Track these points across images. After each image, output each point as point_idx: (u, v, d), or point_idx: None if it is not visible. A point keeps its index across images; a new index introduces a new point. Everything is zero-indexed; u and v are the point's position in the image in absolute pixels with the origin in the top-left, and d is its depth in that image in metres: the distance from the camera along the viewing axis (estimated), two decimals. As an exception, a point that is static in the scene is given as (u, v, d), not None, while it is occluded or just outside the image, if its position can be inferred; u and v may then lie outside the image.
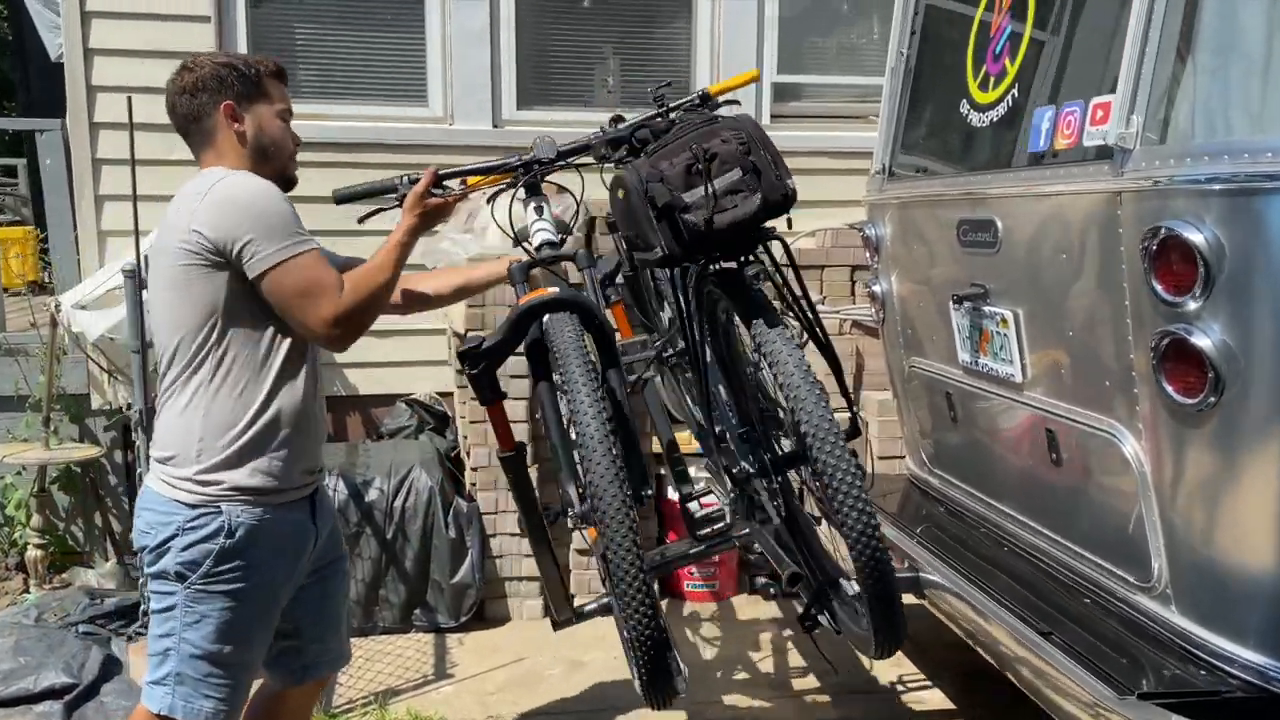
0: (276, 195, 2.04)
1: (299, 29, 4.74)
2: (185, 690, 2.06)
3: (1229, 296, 1.94)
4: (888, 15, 5.20)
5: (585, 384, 1.91)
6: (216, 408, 2.03)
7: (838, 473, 1.78)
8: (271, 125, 2.16)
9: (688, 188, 1.84)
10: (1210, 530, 2.15)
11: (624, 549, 1.84)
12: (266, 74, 2.17)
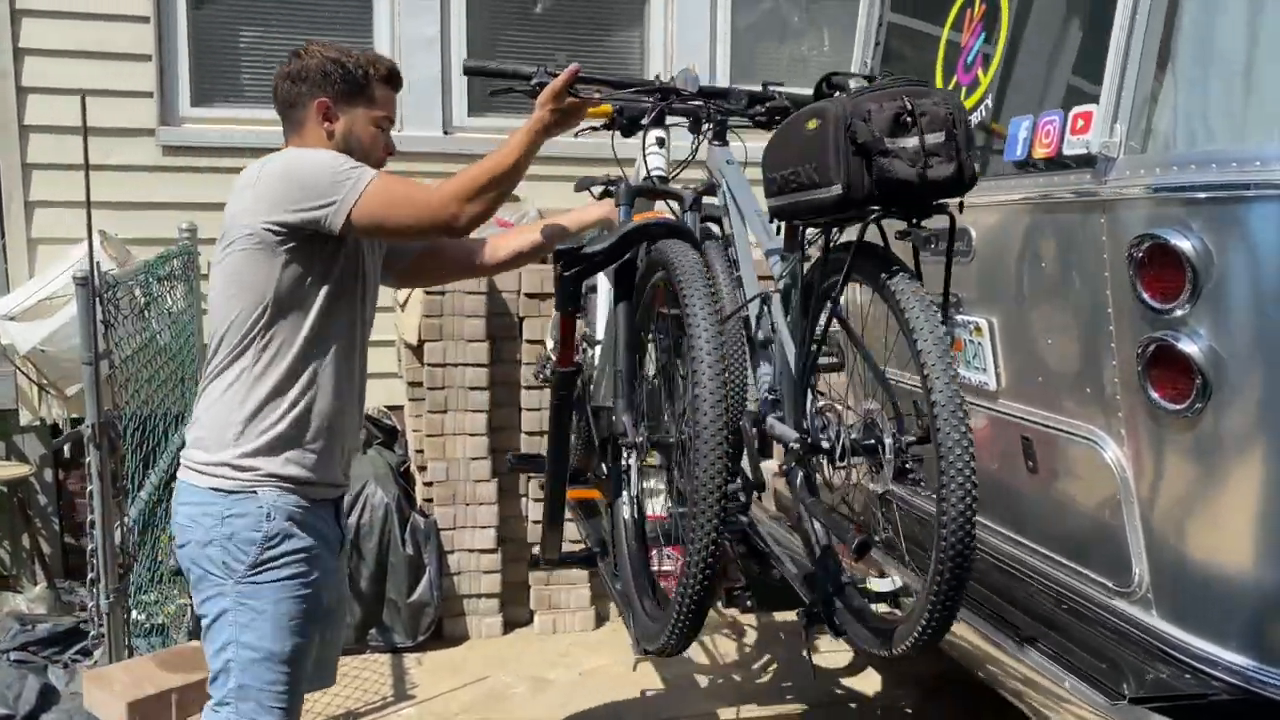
0: (311, 153, 2.02)
1: (242, 31, 4.60)
2: (248, 707, 1.99)
3: (1216, 303, 1.97)
4: (839, 27, 5.28)
5: (706, 306, 1.89)
6: (256, 394, 2.00)
7: (956, 448, 1.73)
8: (364, 131, 2.12)
9: (890, 135, 1.78)
10: (1193, 534, 2.17)
11: (714, 469, 1.80)
12: (376, 78, 2.12)
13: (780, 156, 1.97)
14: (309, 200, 1.94)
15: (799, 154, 1.89)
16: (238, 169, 4.30)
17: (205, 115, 4.49)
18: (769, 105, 2.34)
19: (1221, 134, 2.04)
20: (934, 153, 1.74)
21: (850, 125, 1.76)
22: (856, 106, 1.78)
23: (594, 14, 5.00)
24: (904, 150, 1.74)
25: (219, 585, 1.98)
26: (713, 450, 1.81)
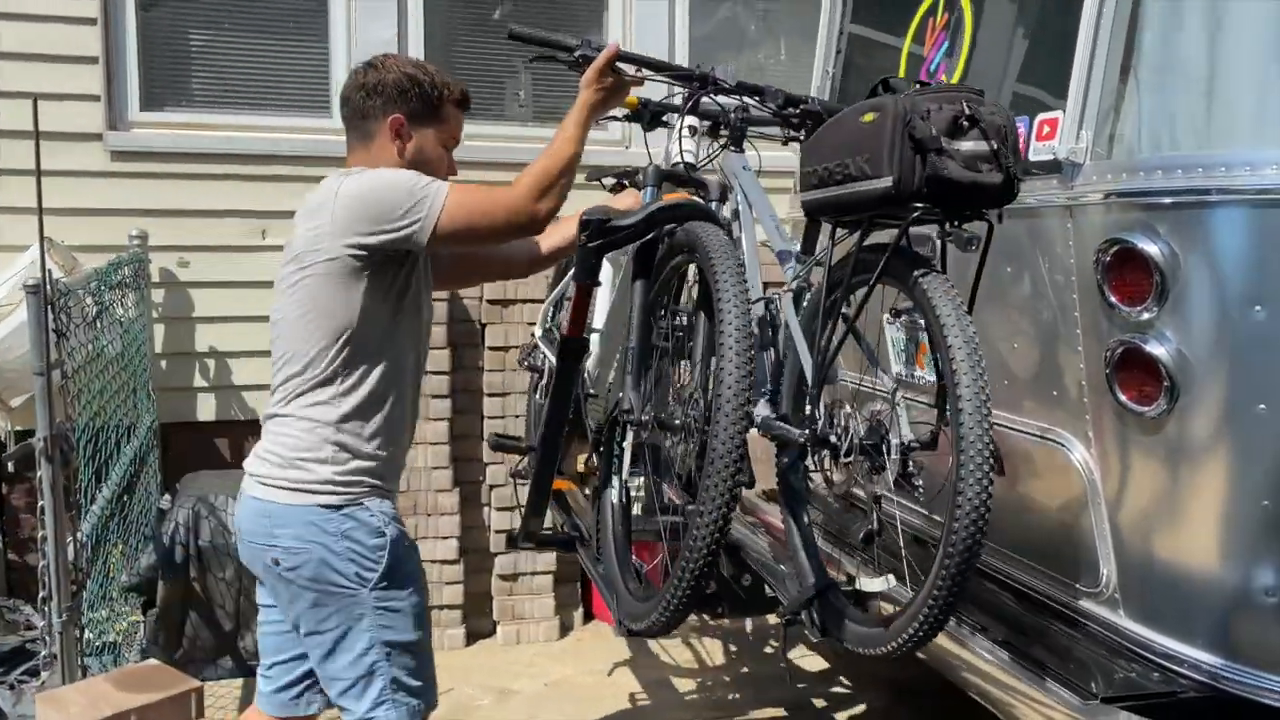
0: (386, 173, 2.03)
1: (193, 34, 4.50)
2: (403, 696, 2.05)
3: (1184, 306, 2.00)
4: (795, 36, 5.31)
5: (738, 287, 1.91)
6: (345, 412, 2.01)
7: (978, 443, 1.75)
8: (434, 151, 2.14)
9: (947, 136, 1.79)
10: (1160, 534, 2.20)
11: (731, 442, 1.82)
12: (449, 99, 2.14)
13: (827, 149, 1.98)
14: (393, 220, 1.96)
15: (850, 146, 1.89)
16: (190, 174, 4.33)
17: (155, 120, 4.38)
18: (803, 108, 2.35)
19: (1185, 140, 2.08)
20: (986, 159, 1.76)
21: (910, 120, 1.77)
22: (916, 104, 1.79)
23: (552, 21, 4.98)
24: (958, 152, 1.76)
25: (351, 596, 2.00)
26: (733, 424, 1.81)
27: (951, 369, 1.82)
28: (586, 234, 2.16)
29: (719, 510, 1.83)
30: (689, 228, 2.12)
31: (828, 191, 1.99)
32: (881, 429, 2.04)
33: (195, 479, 3.90)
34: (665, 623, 2.03)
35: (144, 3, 4.36)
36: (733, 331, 1.86)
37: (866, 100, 2.02)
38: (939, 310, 1.86)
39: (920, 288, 1.91)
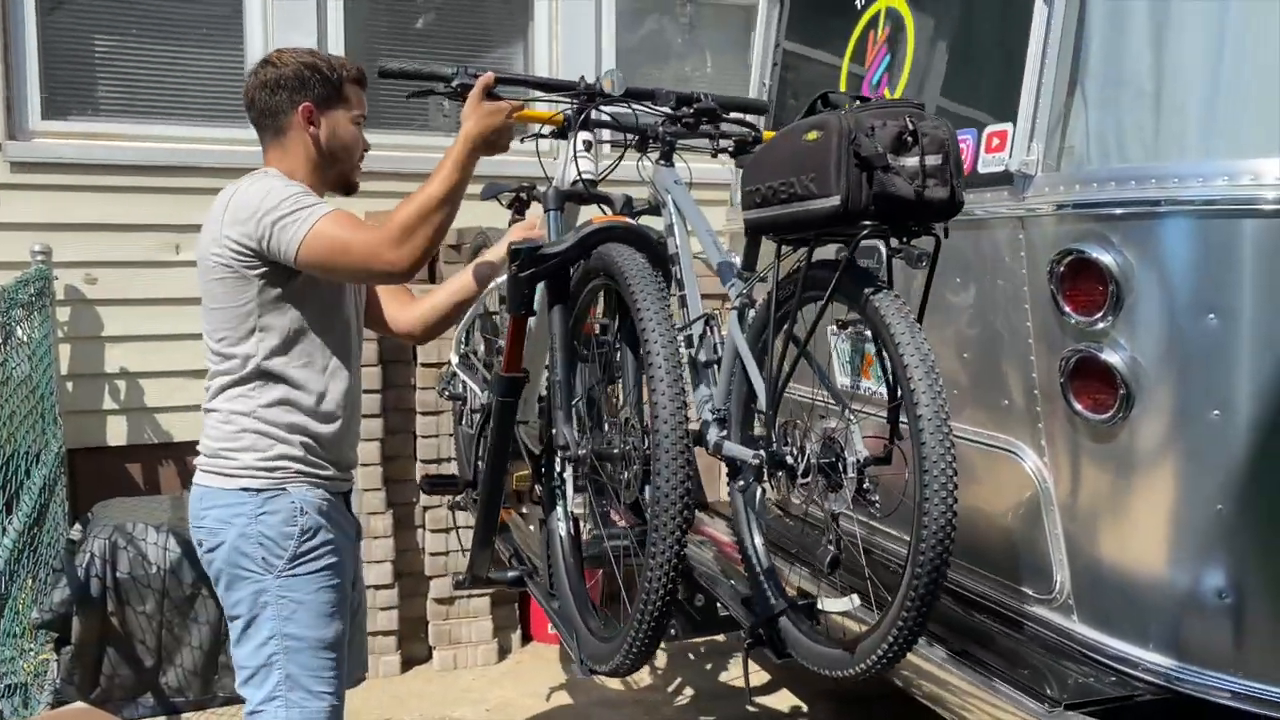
0: (276, 183, 2.02)
1: (99, 40, 4.30)
2: (298, 695, 2.03)
3: (1138, 315, 2.04)
4: (721, 48, 5.34)
5: (661, 313, 1.87)
6: (268, 399, 2.06)
7: (941, 462, 1.73)
8: (345, 131, 2.15)
9: (892, 153, 1.75)
10: (1113, 540, 2.23)
11: (676, 479, 1.78)
12: (348, 79, 2.15)
13: (770, 167, 1.95)
14: (265, 229, 1.97)
15: (794, 165, 1.86)
16: (98, 186, 4.12)
17: (59, 129, 4.16)
18: (696, 107, 2.31)
19: (1134, 152, 2.12)
20: (931, 174, 1.75)
21: (854, 138, 1.75)
22: (859, 121, 1.77)
23: (476, 32, 4.91)
24: (904, 168, 1.74)
25: (258, 581, 2.02)
26: (675, 459, 1.77)
27: (910, 387, 1.81)
28: (518, 263, 2.10)
29: (672, 549, 1.78)
30: (602, 251, 2.07)
31: (773, 210, 1.97)
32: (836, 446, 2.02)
33: (107, 507, 3.69)
34: (631, 664, 1.97)
35: (45, 6, 4.14)
36: (662, 363, 1.81)
37: (807, 118, 2.00)
38: (893, 328, 1.85)
39: (872, 305, 1.90)
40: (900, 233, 1.85)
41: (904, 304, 1.86)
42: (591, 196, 2.30)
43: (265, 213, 1.97)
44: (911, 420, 1.77)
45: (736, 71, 5.32)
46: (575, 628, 2.22)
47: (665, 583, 1.79)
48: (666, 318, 1.85)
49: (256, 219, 1.97)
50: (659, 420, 1.77)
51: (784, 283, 2.10)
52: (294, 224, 1.95)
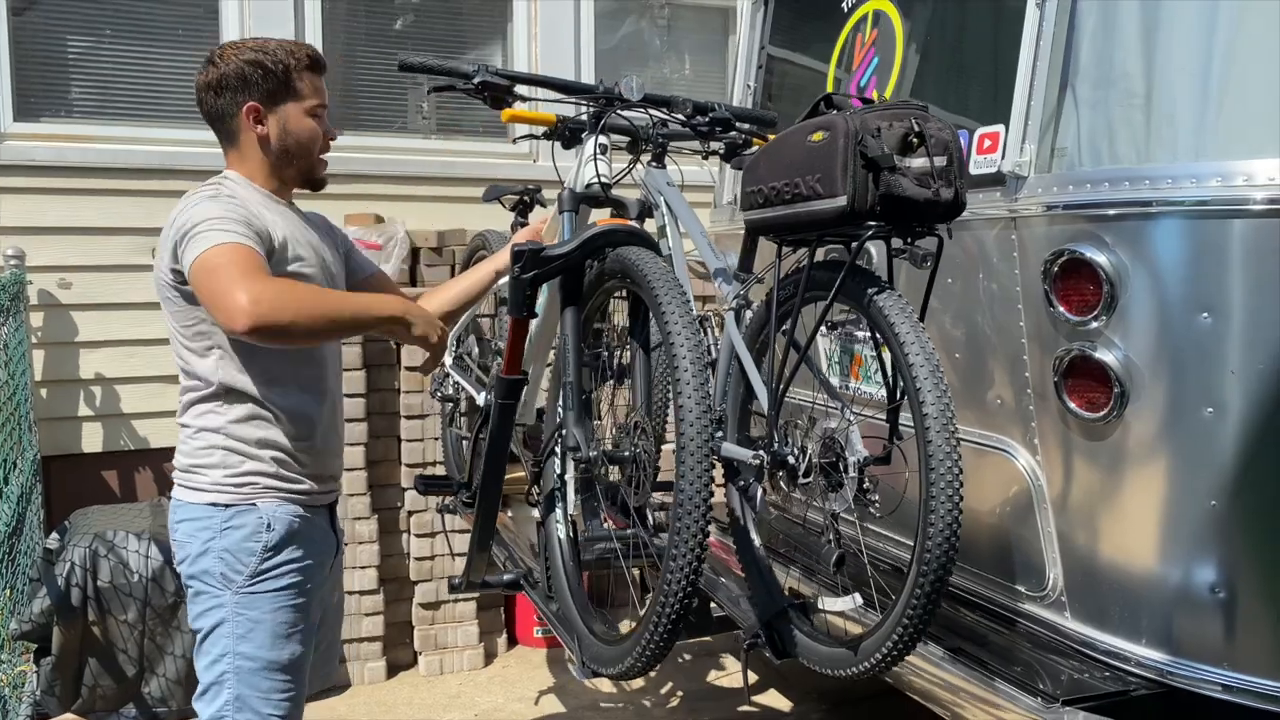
0: (209, 206, 1.92)
1: (72, 41, 4.23)
2: (245, 717, 1.95)
3: (1132, 315, 2.06)
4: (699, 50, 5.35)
5: (686, 314, 1.87)
6: (237, 413, 2.00)
7: (947, 461, 1.74)
8: (299, 125, 2.05)
9: (899, 154, 1.76)
10: (1107, 537, 2.26)
11: (700, 482, 1.78)
12: (297, 69, 2.02)
13: (772, 168, 1.95)
14: (175, 255, 1.92)
15: (798, 165, 1.87)
16: (72, 189, 4.05)
17: (31, 131, 4.09)
18: (712, 116, 2.34)
19: (1125, 153, 2.15)
20: (937, 175, 1.76)
21: (861, 139, 1.76)
22: (865, 123, 1.78)
23: (456, 33, 4.89)
24: (909, 169, 1.76)
25: (216, 597, 1.97)
26: (699, 464, 1.76)
27: (915, 387, 1.83)
28: (520, 265, 2.10)
29: (693, 552, 1.79)
30: (621, 254, 2.08)
31: (775, 211, 1.98)
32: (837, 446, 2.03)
33: (86, 515, 3.63)
34: (643, 667, 1.97)
35: (15, 7, 4.07)
36: (688, 366, 1.81)
37: (811, 119, 2.01)
38: (898, 329, 1.87)
39: (876, 306, 1.92)
40: (904, 233, 1.87)
41: (907, 304, 1.87)
42: (606, 200, 2.30)
43: (182, 233, 1.89)
44: (917, 420, 1.78)
45: (714, 73, 5.34)
46: (576, 630, 2.21)
47: (685, 586, 1.79)
48: (691, 321, 1.86)
49: (174, 240, 1.90)
50: (684, 424, 1.77)
51: (784, 283, 2.11)
52: (194, 245, 1.86)
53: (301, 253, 2.03)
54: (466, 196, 4.46)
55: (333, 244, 2.21)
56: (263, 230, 1.94)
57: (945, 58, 2.65)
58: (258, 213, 1.97)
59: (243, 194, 2.00)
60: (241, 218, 1.91)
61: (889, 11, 2.78)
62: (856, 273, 1.94)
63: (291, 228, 2.04)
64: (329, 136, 2.11)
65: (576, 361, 2.12)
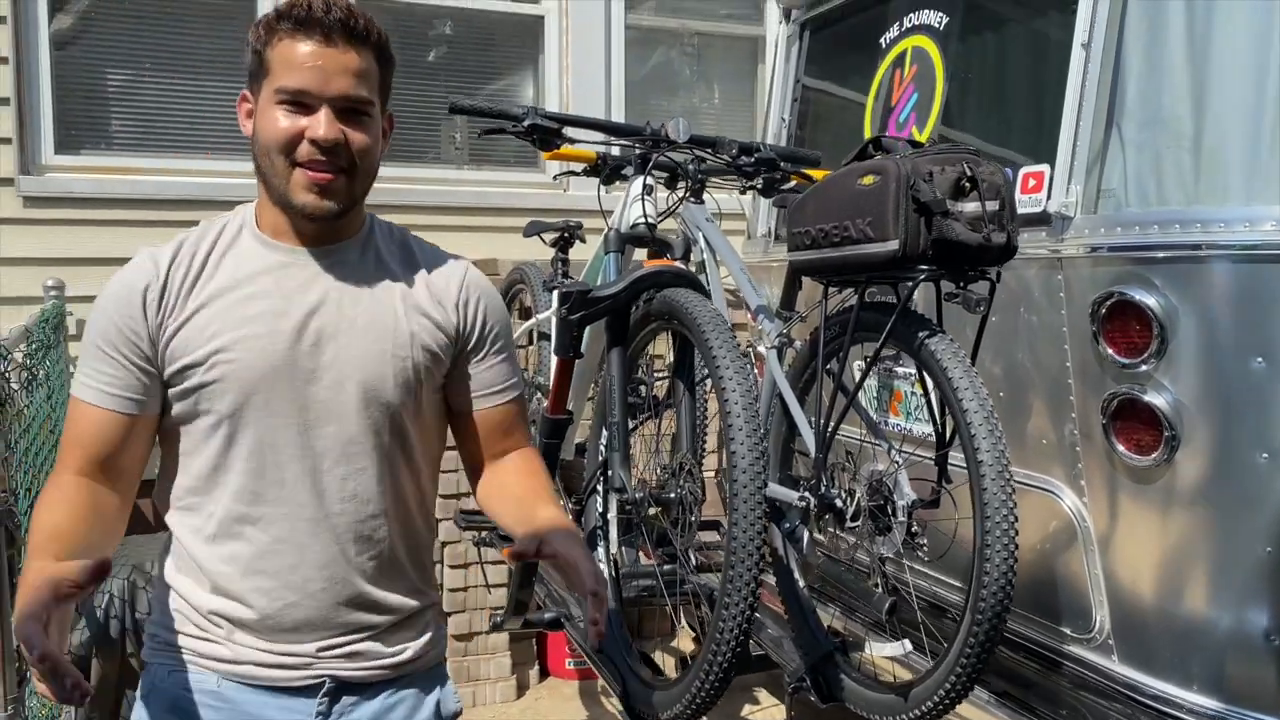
0: (108, 295, 1.37)
1: (112, 74, 4.29)
2: None
3: (1183, 358, 2.04)
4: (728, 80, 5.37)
5: (736, 359, 1.87)
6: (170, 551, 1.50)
7: (1002, 509, 1.73)
8: (264, 120, 1.34)
9: (951, 198, 1.77)
10: (1157, 580, 2.23)
11: (754, 530, 1.78)
12: (277, 28, 1.33)
13: (821, 210, 1.96)
14: None
15: (848, 209, 1.88)
16: (111, 220, 4.10)
17: (72, 163, 4.16)
18: (758, 157, 2.36)
19: (1173, 194, 2.13)
20: (989, 220, 1.76)
21: (913, 184, 1.76)
22: (917, 167, 1.79)
23: (488, 64, 4.93)
24: (962, 214, 1.76)
25: None
26: (752, 510, 1.76)
27: (970, 434, 1.82)
28: (568, 306, 2.11)
29: (746, 601, 1.79)
30: (669, 295, 2.10)
31: (824, 253, 1.99)
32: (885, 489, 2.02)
33: (124, 545, 3.65)
34: (692, 714, 1.97)
35: (59, 40, 4.14)
36: (740, 413, 1.82)
37: (861, 161, 2.02)
38: (950, 373, 1.87)
39: (927, 349, 1.91)
40: (956, 277, 1.86)
41: (959, 348, 1.87)
42: (652, 241, 2.32)
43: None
44: (972, 467, 1.77)
45: (743, 101, 5.36)
46: (621, 673, 2.20)
47: (738, 632, 1.79)
48: (743, 368, 1.86)
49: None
50: (737, 470, 1.77)
51: (830, 323, 2.10)
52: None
53: (223, 337, 1.35)
54: (499, 226, 4.49)
55: (391, 319, 1.42)
56: (123, 326, 1.35)
57: (986, 95, 2.64)
58: (165, 276, 1.35)
59: (201, 239, 1.40)
60: (110, 321, 1.35)
61: (928, 48, 2.78)
62: (906, 316, 1.94)
63: (255, 290, 1.37)
64: (303, 137, 1.32)
65: (622, 402, 2.13)
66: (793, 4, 3.41)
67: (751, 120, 5.23)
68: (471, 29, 4.82)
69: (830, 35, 3.34)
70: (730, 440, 1.80)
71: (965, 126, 2.67)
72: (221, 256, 1.39)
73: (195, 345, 1.35)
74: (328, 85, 1.32)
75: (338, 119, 1.33)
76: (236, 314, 1.36)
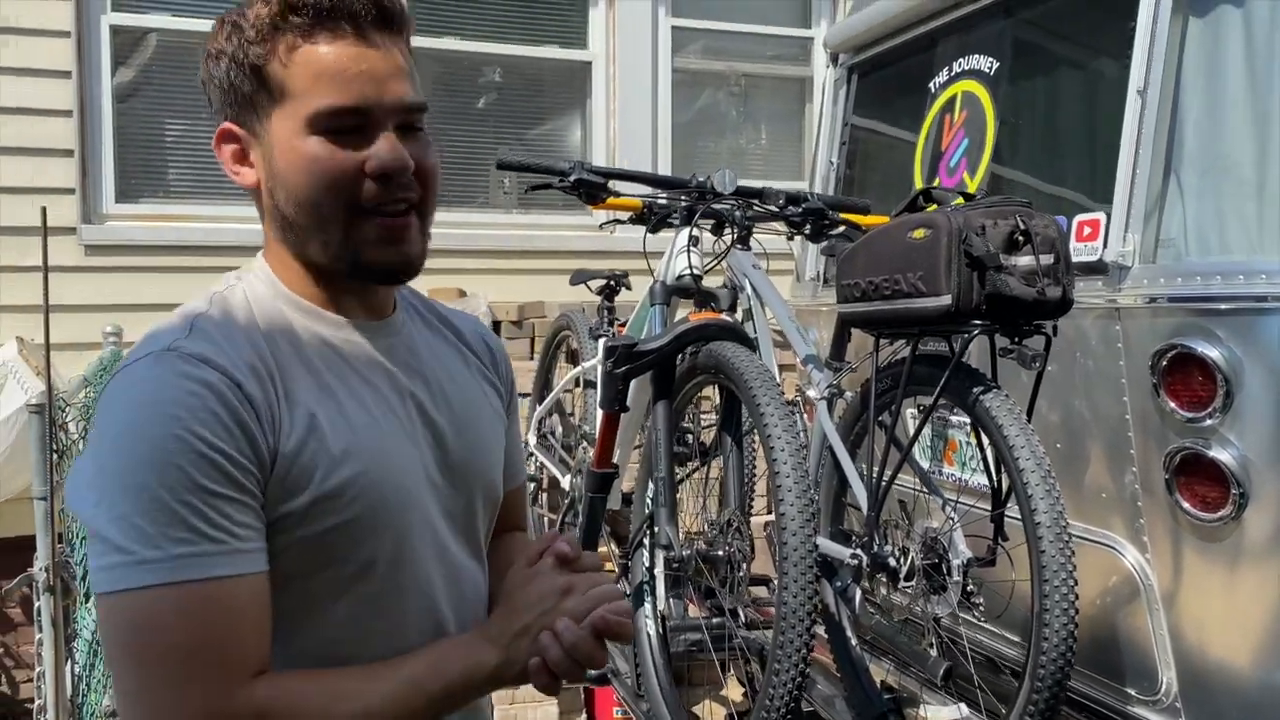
0: (165, 415, 0.91)
1: (169, 124, 4.40)
2: None
3: (1249, 412, 1.98)
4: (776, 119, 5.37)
5: (785, 417, 1.86)
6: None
7: (1061, 573, 1.69)
8: (292, 160, 1.00)
9: (1004, 252, 1.75)
10: (1227, 640, 2.15)
11: (805, 593, 1.75)
12: (275, 29, 0.99)
13: (871, 263, 1.94)
14: (92, 512, 0.94)
15: (899, 262, 1.86)
16: (167, 267, 4.18)
17: (131, 212, 4.26)
18: (805, 207, 2.35)
19: (1236, 243, 2.08)
20: (1044, 273, 1.73)
21: (965, 238, 1.74)
22: (969, 220, 1.76)
23: (536, 109, 4.98)
24: (1015, 268, 1.73)
25: None
26: (804, 573, 1.73)
27: (1027, 494, 1.78)
28: (613, 360, 2.10)
29: (798, 667, 1.77)
30: (715, 350, 2.08)
31: (874, 306, 1.97)
32: (939, 548, 1.98)
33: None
34: None
35: (120, 93, 4.26)
36: (789, 472, 1.79)
37: (911, 213, 1.99)
38: (1006, 430, 1.83)
39: (982, 405, 1.88)
40: (1010, 332, 1.83)
41: (1014, 405, 1.83)
42: (698, 292, 2.32)
43: (97, 475, 0.93)
44: (1029, 529, 1.73)
45: (790, 141, 5.36)
46: None
47: (789, 696, 1.76)
48: (792, 425, 1.84)
49: (80, 486, 0.95)
50: (787, 533, 1.75)
51: (882, 376, 2.07)
52: (113, 552, 0.89)
53: (352, 455, 0.99)
54: (546, 269, 4.50)
55: (481, 398, 1.18)
56: (228, 450, 0.92)
57: (1038, 141, 2.60)
58: (244, 376, 0.96)
59: (237, 317, 1.01)
60: (194, 448, 0.90)
61: (978, 93, 2.75)
62: (960, 370, 1.91)
63: (351, 384, 1.04)
64: (380, 168, 0.99)
65: (668, 456, 2.11)
66: (840, 48, 3.41)
67: (799, 161, 5.21)
68: (521, 76, 4.88)
69: (878, 79, 3.32)
70: (780, 501, 1.77)
71: (1017, 172, 2.63)
72: (277, 341, 1.01)
73: (320, 470, 0.97)
74: (384, 93, 0.99)
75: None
76: (349, 421, 1.00)
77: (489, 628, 1.04)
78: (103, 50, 4.14)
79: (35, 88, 4.01)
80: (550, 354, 3.49)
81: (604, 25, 4.87)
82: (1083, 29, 2.51)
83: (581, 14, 4.88)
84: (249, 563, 0.93)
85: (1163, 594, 2.23)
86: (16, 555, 3.13)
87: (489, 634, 1.03)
